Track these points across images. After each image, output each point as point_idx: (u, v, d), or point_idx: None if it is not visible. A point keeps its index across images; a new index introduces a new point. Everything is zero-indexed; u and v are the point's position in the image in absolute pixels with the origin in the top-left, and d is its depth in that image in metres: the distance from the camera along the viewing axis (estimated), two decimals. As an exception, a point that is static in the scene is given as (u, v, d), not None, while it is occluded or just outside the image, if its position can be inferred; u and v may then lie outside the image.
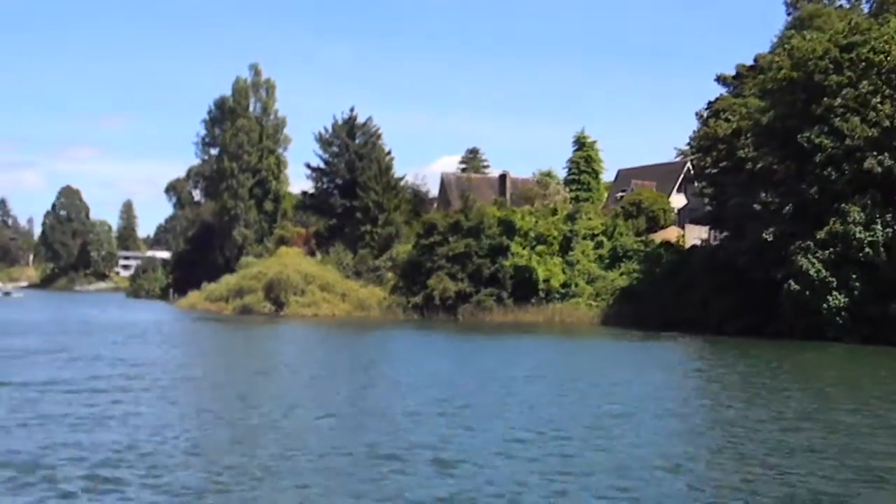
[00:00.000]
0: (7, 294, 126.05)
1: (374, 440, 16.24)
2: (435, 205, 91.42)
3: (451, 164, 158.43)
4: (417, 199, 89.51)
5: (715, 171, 53.17)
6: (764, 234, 45.84)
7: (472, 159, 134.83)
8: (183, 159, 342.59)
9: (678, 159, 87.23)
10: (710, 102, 62.93)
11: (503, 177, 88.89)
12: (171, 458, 14.51)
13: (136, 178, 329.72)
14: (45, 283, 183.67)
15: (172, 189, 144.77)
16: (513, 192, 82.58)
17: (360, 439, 16.39)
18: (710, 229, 61.33)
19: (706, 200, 58.75)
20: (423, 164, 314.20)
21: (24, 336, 42.64)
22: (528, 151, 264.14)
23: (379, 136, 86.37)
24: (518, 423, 18.46)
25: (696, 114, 62.89)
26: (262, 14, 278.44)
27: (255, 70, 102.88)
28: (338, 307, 69.17)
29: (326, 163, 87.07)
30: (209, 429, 17.72)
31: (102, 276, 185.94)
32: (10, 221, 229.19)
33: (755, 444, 16.59)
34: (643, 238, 65.75)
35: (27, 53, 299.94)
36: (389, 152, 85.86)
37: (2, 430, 16.44)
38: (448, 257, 64.95)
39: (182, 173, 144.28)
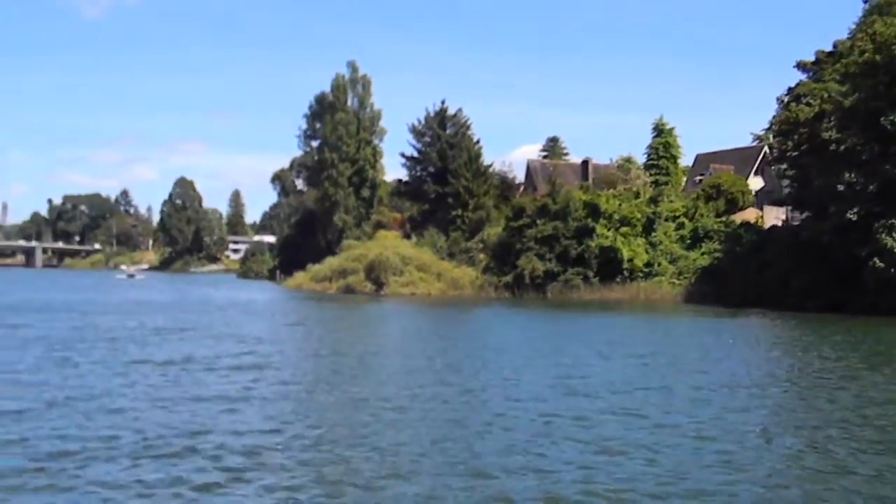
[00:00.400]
0: (131, 276, 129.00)
1: (522, 416, 15.32)
2: (521, 189, 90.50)
3: (531, 152, 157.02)
4: (504, 185, 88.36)
5: (796, 153, 51.08)
6: (848, 214, 44.00)
7: (553, 147, 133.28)
8: (284, 151, 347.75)
9: (755, 144, 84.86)
10: (790, 88, 60.61)
11: (585, 163, 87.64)
12: (326, 436, 13.66)
13: (242, 169, 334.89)
14: (164, 265, 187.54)
15: (277, 179, 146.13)
16: (595, 178, 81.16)
17: (509, 414, 15.48)
18: (789, 210, 59.26)
19: (786, 182, 56.73)
20: (504, 153, 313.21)
21: (154, 315, 42.62)
22: (606, 139, 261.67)
23: (468, 127, 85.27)
24: (648, 398, 17.29)
25: (777, 99, 60.66)
26: (357, 15, 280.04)
27: (353, 67, 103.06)
28: (433, 286, 68.71)
29: (420, 152, 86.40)
30: (356, 407, 16.56)
31: (214, 259, 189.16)
32: (131, 210, 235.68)
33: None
34: (723, 219, 63.89)
35: (138, 55, 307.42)
36: (478, 141, 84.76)
37: (154, 408, 15.78)
38: (537, 239, 64.04)
39: (285, 164, 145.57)
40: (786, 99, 58.30)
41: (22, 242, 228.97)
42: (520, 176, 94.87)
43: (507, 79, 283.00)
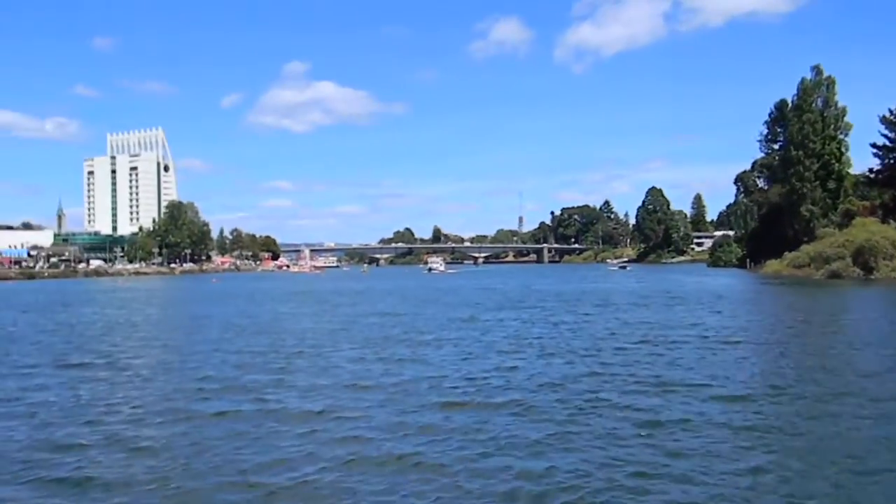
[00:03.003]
0: (623, 267, 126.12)
1: None
2: None
3: None
4: None
5: None
6: None
7: None
8: (724, 164, 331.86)
9: None
10: None
11: None
12: None
13: (694, 178, 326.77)
14: (639, 258, 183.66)
15: (739, 180, 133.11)
16: None
17: None
18: None
19: None
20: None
21: (692, 309, 35.81)
22: None
23: (950, 111, 67.46)
24: None
25: None
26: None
27: (818, 70, 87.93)
28: (935, 269, 54.06)
29: (892, 140, 70.36)
30: None
31: (681, 252, 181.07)
32: (612, 216, 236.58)
33: None
34: None
35: (611, 97, 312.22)
36: (964, 124, 66.64)
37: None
38: None
39: (734, 170, 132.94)
40: None
41: (533, 245, 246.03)
42: None
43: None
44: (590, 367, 16.28)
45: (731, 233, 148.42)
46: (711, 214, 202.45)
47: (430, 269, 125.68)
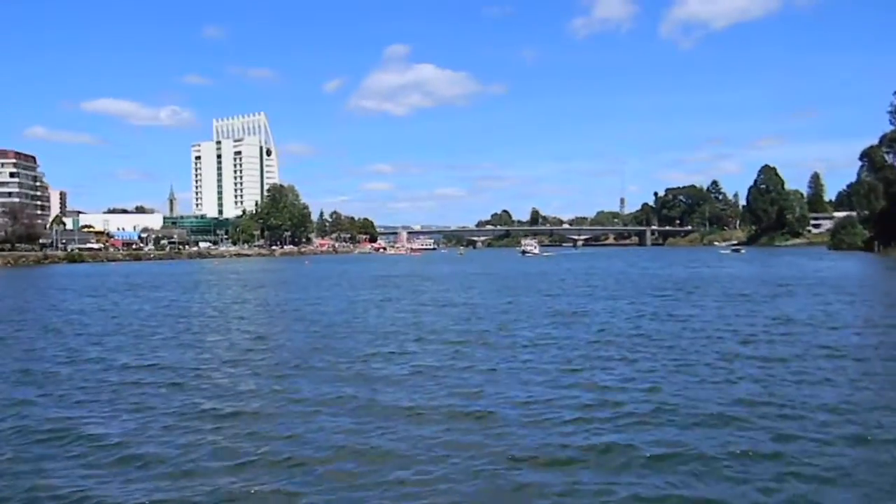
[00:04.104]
0: (736, 251, 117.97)
1: None
2: None
3: None
4: None
5: None
6: None
7: None
8: (841, 141, 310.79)
9: None
10: None
11: None
12: None
13: (809, 157, 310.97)
14: (750, 241, 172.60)
15: (866, 156, 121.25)
16: None
17: None
18: None
19: None
20: None
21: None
22: None
23: None
24: None
25: None
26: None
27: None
28: None
29: None
30: None
31: (796, 235, 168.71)
32: (720, 197, 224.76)
33: None
34: None
35: (720, 74, 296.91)
36: None
37: None
38: None
39: (848, 151, 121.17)
40: None
41: (635, 227, 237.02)
42: None
43: None
44: (753, 390, 11.60)
45: (853, 213, 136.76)
46: (829, 194, 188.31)
47: (524, 252, 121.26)
